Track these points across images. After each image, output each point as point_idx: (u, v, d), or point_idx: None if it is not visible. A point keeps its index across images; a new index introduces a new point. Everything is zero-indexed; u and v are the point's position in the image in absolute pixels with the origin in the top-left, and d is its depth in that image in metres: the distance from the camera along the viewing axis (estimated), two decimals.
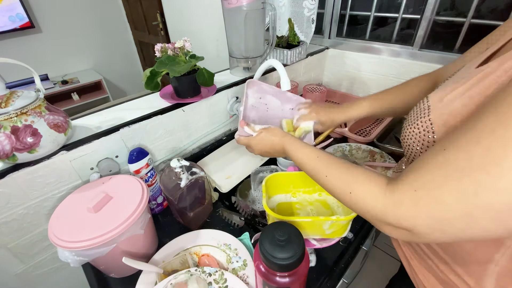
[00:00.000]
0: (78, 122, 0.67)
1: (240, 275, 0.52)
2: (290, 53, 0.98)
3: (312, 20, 1.04)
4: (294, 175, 0.60)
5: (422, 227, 0.29)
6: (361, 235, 0.63)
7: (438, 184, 0.28)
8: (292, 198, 0.61)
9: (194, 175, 0.61)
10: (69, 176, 0.61)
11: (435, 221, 0.28)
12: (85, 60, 2.57)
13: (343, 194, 0.39)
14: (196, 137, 0.85)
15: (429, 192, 0.29)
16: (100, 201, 0.50)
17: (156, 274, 0.52)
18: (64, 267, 0.70)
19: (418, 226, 0.30)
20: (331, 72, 1.31)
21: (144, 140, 0.71)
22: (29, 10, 2.08)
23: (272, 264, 0.39)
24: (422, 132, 0.39)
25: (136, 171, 0.63)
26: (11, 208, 0.55)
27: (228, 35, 0.87)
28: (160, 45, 0.70)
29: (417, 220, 0.30)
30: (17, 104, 0.48)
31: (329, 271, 0.56)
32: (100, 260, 0.49)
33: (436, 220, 0.28)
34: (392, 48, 1.06)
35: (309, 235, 0.53)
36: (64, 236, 0.45)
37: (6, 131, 0.47)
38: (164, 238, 0.62)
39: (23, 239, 0.60)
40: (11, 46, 2.10)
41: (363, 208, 0.36)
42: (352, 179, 0.38)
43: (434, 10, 0.93)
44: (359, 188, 0.36)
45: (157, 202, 0.69)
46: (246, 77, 0.90)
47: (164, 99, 0.75)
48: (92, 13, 2.43)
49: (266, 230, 0.42)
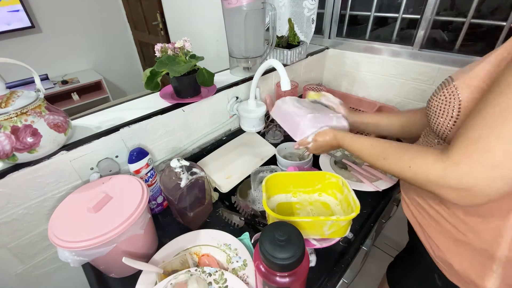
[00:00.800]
0: (78, 122, 0.67)
1: (240, 275, 0.52)
2: (290, 53, 0.98)
3: (312, 20, 1.04)
4: (294, 175, 0.60)
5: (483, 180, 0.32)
6: (361, 235, 0.63)
7: (484, 135, 0.32)
8: (292, 198, 0.61)
9: (194, 175, 0.61)
10: (69, 176, 0.61)
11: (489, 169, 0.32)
12: (85, 60, 2.57)
13: (403, 171, 0.43)
14: (196, 137, 0.85)
15: (478, 145, 0.33)
16: (100, 201, 0.50)
17: (156, 274, 0.52)
18: (64, 267, 0.70)
19: (479, 180, 0.33)
20: (331, 72, 1.31)
21: (144, 140, 0.71)
22: (29, 10, 2.08)
23: (272, 264, 0.39)
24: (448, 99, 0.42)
25: (136, 171, 0.63)
26: (11, 208, 0.55)
27: (228, 35, 0.87)
28: (160, 45, 0.70)
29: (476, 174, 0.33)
30: (17, 104, 0.48)
31: (329, 271, 0.56)
32: (100, 260, 0.49)
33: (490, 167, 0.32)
34: (392, 48, 1.06)
35: (309, 235, 0.53)
36: (64, 236, 0.45)
37: (6, 131, 0.47)
38: (164, 238, 0.62)
39: (23, 239, 0.60)
40: (11, 46, 2.10)
41: (423, 177, 0.39)
42: (409, 155, 0.42)
43: (434, 10, 0.93)
44: (417, 161, 0.40)
45: (157, 202, 0.69)
46: (246, 77, 0.90)
47: (164, 99, 0.75)
48: (92, 13, 2.43)
49: (266, 230, 0.42)
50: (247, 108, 0.82)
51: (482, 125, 0.33)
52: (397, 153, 0.45)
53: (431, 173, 0.38)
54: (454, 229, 0.45)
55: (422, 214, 0.52)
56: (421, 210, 0.52)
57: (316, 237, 0.54)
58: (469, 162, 0.33)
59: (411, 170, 0.41)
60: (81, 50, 2.50)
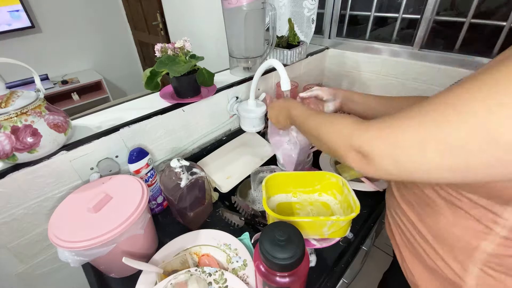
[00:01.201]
0: (78, 122, 0.67)
1: (240, 275, 0.52)
2: (290, 53, 0.98)
3: (312, 20, 1.04)
4: (294, 175, 0.60)
5: (378, 151, 0.32)
6: (361, 235, 0.63)
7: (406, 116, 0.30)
8: (292, 198, 0.61)
9: (194, 175, 0.61)
10: (69, 176, 0.61)
11: (390, 146, 0.31)
12: (85, 60, 2.57)
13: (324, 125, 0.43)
14: (196, 137, 0.85)
15: (395, 122, 0.31)
16: (100, 201, 0.50)
17: (156, 274, 0.52)
18: (64, 267, 0.70)
19: (374, 150, 0.32)
20: (331, 72, 1.31)
21: (144, 140, 0.71)
22: (29, 10, 2.08)
23: (272, 264, 0.39)
24: None
25: (136, 171, 0.63)
26: (11, 208, 0.55)
27: (228, 35, 0.87)
28: (160, 45, 0.70)
29: (375, 143, 0.32)
30: (17, 104, 0.48)
31: (329, 271, 0.56)
32: (100, 260, 0.49)
33: (391, 145, 0.30)
34: (392, 48, 1.06)
35: (309, 235, 0.53)
36: (64, 236, 0.45)
37: (6, 131, 0.47)
38: (164, 238, 0.62)
39: (23, 239, 0.60)
40: (11, 46, 2.10)
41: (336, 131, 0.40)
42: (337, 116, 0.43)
43: (434, 10, 0.93)
44: (339, 119, 0.41)
45: (157, 202, 0.69)
46: (246, 77, 0.90)
47: (164, 99, 0.75)
48: (92, 13, 2.43)
49: (266, 230, 0.42)
50: (247, 108, 0.82)
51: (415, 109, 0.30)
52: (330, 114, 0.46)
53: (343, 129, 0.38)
54: (425, 255, 0.44)
55: (400, 235, 0.51)
56: (400, 230, 0.51)
57: (316, 237, 0.54)
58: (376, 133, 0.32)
59: (331, 125, 0.41)
60: (81, 50, 2.50)
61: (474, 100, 0.25)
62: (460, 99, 0.26)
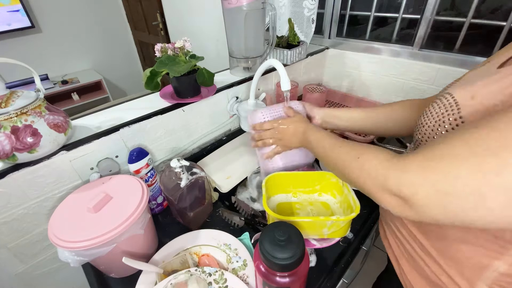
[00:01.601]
0: (78, 122, 0.67)
1: (240, 275, 0.52)
2: (290, 53, 0.98)
3: (312, 20, 1.04)
4: (294, 175, 0.60)
5: (423, 197, 0.28)
6: (361, 235, 0.63)
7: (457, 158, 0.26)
8: (292, 198, 0.61)
9: (194, 175, 0.61)
10: (69, 176, 0.61)
11: (439, 193, 0.27)
12: (85, 60, 2.57)
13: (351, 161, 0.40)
14: (196, 137, 0.85)
15: (442, 164, 0.27)
16: (100, 201, 0.50)
17: (156, 274, 0.52)
18: (64, 267, 0.70)
19: (419, 195, 0.28)
20: (331, 72, 1.31)
21: (144, 140, 0.71)
22: (29, 10, 2.08)
23: (272, 264, 0.39)
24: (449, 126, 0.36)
25: (136, 171, 0.63)
26: (11, 208, 0.55)
27: (228, 35, 0.87)
28: (160, 45, 0.70)
29: (419, 188, 0.28)
30: (17, 104, 0.48)
31: (329, 271, 0.56)
32: (100, 260, 0.49)
33: (441, 193, 0.27)
34: (392, 48, 1.06)
35: (309, 235, 0.53)
36: (64, 236, 0.45)
37: (6, 131, 0.47)
38: (164, 238, 0.62)
39: (23, 239, 0.60)
40: (11, 46, 2.10)
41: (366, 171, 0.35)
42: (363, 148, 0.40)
43: (434, 10, 0.93)
44: (368, 155, 0.37)
45: (157, 202, 0.69)
46: (246, 77, 0.90)
47: (164, 99, 0.75)
48: (92, 13, 2.43)
49: (266, 230, 0.42)
50: (247, 108, 0.82)
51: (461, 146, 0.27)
52: (353, 144, 0.44)
53: (374, 169, 0.34)
54: (427, 268, 0.42)
55: (398, 245, 0.49)
56: (398, 241, 0.49)
57: (316, 237, 0.54)
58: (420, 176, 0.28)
59: (358, 162, 0.38)
60: (81, 50, 2.50)
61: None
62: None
